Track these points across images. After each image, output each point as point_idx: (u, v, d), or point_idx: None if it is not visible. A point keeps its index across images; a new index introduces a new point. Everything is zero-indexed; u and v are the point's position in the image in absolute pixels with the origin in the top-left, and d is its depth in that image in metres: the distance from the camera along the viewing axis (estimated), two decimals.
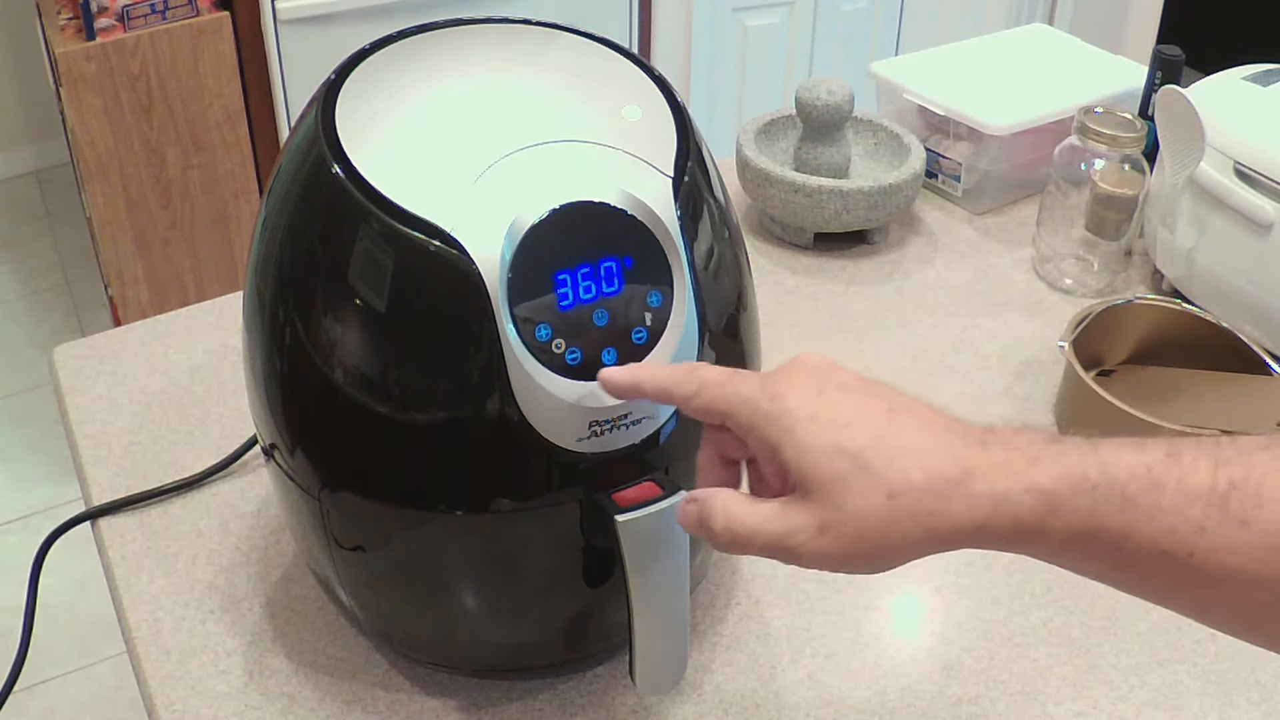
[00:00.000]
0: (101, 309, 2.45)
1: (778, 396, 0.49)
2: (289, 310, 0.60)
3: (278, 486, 0.66)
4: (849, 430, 0.47)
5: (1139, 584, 0.46)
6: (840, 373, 0.50)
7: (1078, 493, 0.44)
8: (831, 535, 0.46)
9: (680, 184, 0.58)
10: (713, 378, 0.51)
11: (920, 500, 0.45)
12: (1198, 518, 0.43)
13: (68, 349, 0.96)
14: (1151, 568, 0.44)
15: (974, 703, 0.70)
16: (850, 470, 0.46)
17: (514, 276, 0.54)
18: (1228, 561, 0.43)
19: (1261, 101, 1.00)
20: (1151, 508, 0.44)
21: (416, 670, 0.70)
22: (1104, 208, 1.03)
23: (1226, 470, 0.43)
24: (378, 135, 0.58)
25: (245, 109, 1.96)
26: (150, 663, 0.70)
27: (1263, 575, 0.43)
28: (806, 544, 0.47)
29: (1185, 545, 0.43)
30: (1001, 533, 0.46)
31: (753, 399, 0.49)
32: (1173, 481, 0.44)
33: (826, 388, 0.49)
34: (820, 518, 0.46)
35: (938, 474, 0.45)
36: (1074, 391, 0.88)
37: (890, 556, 0.47)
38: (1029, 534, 0.45)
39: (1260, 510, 0.43)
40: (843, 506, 0.46)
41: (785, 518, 0.47)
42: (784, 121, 1.19)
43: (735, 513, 0.49)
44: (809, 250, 1.12)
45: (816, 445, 0.47)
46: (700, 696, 0.70)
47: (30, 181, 3.04)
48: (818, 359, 0.51)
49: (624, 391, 0.54)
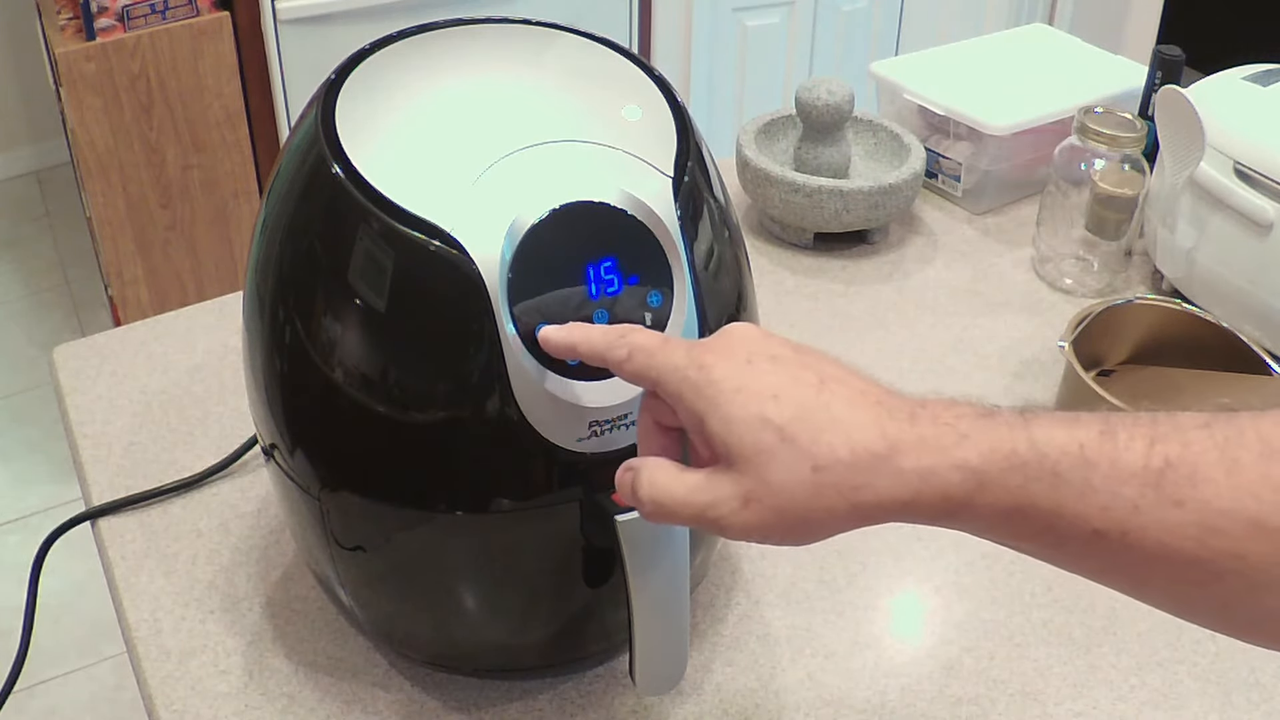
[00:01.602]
0: (101, 309, 2.45)
1: (705, 366, 0.48)
2: (289, 310, 0.60)
3: (278, 486, 0.66)
4: (775, 403, 0.46)
5: (1073, 562, 0.46)
6: (772, 343, 0.49)
7: (1006, 469, 0.44)
8: (755, 507, 0.46)
9: (680, 184, 0.58)
10: (642, 342, 0.50)
11: (845, 475, 0.45)
12: (1131, 496, 0.42)
13: (68, 349, 0.96)
14: (1084, 546, 0.44)
15: (974, 703, 0.70)
16: (775, 443, 0.45)
17: (514, 276, 0.54)
18: (1163, 540, 0.42)
19: (1261, 101, 1.00)
20: (1083, 485, 0.43)
21: (416, 670, 0.70)
22: (1104, 208, 1.03)
23: (1162, 448, 0.43)
24: (378, 135, 0.58)
25: (245, 109, 1.96)
26: (150, 663, 0.70)
27: (1198, 555, 0.42)
28: (730, 516, 0.46)
29: (1118, 524, 0.43)
30: (929, 508, 0.45)
31: (681, 367, 0.48)
32: (1105, 459, 0.43)
33: (755, 358, 0.48)
34: (744, 489, 0.46)
35: (864, 448, 0.45)
36: (1074, 391, 0.88)
37: (814, 530, 0.46)
38: (957, 510, 0.45)
39: (1195, 490, 0.42)
40: (767, 480, 0.45)
41: (710, 489, 0.47)
42: (784, 121, 1.19)
43: (661, 482, 0.48)
44: (809, 250, 1.12)
45: (741, 417, 0.46)
46: (700, 696, 0.70)
47: (30, 181, 3.04)
48: (750, 328, 0.50)
49: (560, 351, 0.53)
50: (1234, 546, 0.42)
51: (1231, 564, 0.42)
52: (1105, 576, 0.46)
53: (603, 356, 0.51)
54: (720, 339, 0.50)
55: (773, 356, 0.48)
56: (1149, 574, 0.44)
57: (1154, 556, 0.43)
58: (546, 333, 0.54)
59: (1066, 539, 0.44)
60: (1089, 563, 0.45)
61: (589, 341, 0.52)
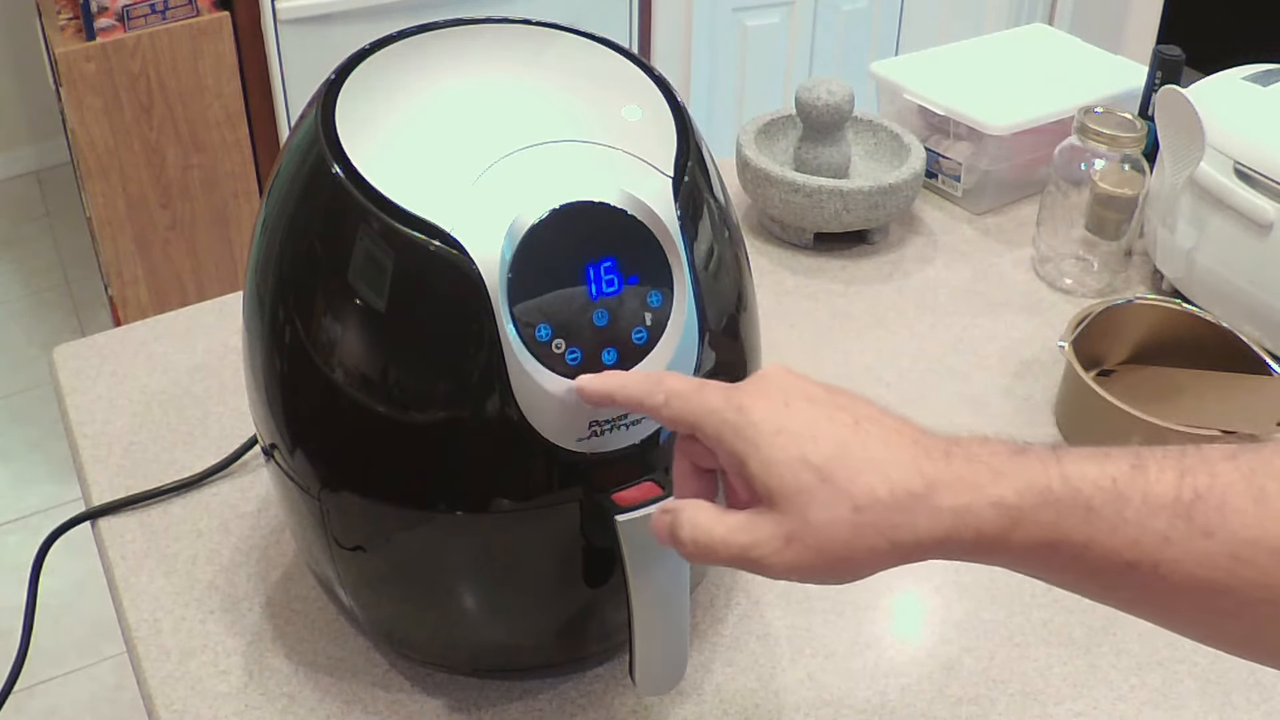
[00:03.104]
0: (101, 309, 2.45)
1: (744, 409, 0.49)
2: (289, 310, 0.60)
3: (278, 486, 0.66)
4: (814, 444, 0.47)
5: (1104, 593, 0.47)
6: (807, 385, 0.50)
7: (1040, 505, 0.45)
8: (797, 547, 0.47)
9: (680, 184, 0.58)
10: (680, 388, 0.51)
11: (884, 514, 0.46)
12: (1162, 529, 0.43)
13: (68, 349, 0.96)
14: (1116, 578, 0.45)
15: (974, 703, 0.70)
16: (815, 483, 0.46)
17: (514, 276, 0.54)
18: (1192, 571, 0.43)
19: (1261, 101, 1.00)
20: (1115, 519, 0.44)
21: (416, 670, 0.70)
22: (1104, 208, 1.03)
23: (1191, 480, 0.44)
24: (378, 135, 0.58)
25: (245, 109, 1.96)
26: (150, 663, 0.70)
27: (1228, 585, 0.43)
28: (771, 556, 0.47)
29: (1150, 556, 0.44)
30: (965, 545, 0.46)
31: (719, 410, 0.49)
32: (1137, 493, 0.44)
33: (793, 400, 0.49)
34: (786, 530, 0.47)
35: (902, 487, 0.46)
36: (1074, 391, 0.88)
37: (855, 569, 0.47)
38: (992, 546, 0.46)
39: (1225, 520, 0.43)
40: (808, 519, 0.46)
41: (751, 529, 0.48)
42: (784, 121, 1.19)
43: (702, 523, 0.49)
44: (809, 250, 1.12)
45: (782, 458, 0.47)
46: (700, 696, 0.70)
47: (30, 181, 3.04)
48: (783, 370, 0.51)
49: (597, 400, 0.54)
50: (1262, 576, 0.43)
51: (1260, 593, 0.43)
52: (1136, 607, 0.47)
53: (640, 403, 0.52)
54: (755, 382, 0.51)
55: (809, 398, 0.49)
56: (1179, 604, 0.45)
57: (1185, 587, 0.44)
58: (582, 382, 0.54)
59: (1099, 571, 0.45)
60: (1120, 594, 0.46)
61: (625, 390, 0.53)
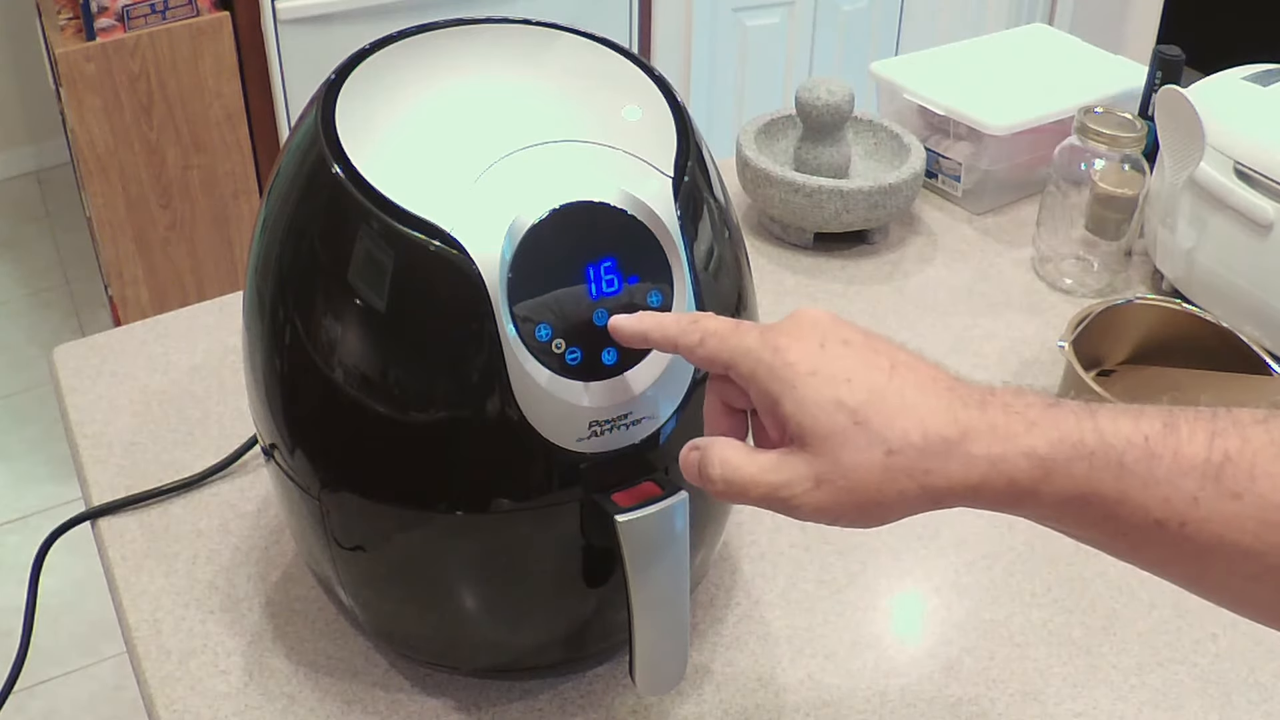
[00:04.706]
0: (101, 309, 2.45)
1: (780, 349, 0.49)
2: (289, 310, 0.60)
3: (278, 486, 0.66)
4: (849, 386, 0.47)
5: (1131, 552, 0.47)
6: (843, 328, 0.50)
7: (1073, 458, 0.45)
8: (827, 488, 0.47)
9: (680, 184, 0.58)
10: (716, 327, 0.51)
11: (917, 459, 0.46)
12: (1191, 489, 0.43)
13: (68, 349, 0.96)
14: (1144, 536, 0.45)
15: (974, 703, 0.70)
16: (849, 426, 0.46)
17: (514, 276, 0.54)
18: (1219, 533, 0.43)
19: (1261, 101, 1.00)
20: (1146, 476, 0.44)
21: (416, 670, 0.70)
22: (1104, 208, 1.03)
23: (1221, 442, 0.44)
24: (378, 135, 0.58)
25: (245, 109, 1.96)
26: (150, 663, 0.70)
27: (1254, 548, 0.43)
28: (801, 496, 0.47)
29: (1178, 515, 0.44)
30: (996, 494, 0.46)
31: (755, 350, 0.49)
32: (1169, 452, 0.44)
33: (829, 342, 0.49)
34: (817, 470, 0.47)
35: (936, 434, 0.46)
36: (1074, 392, 0.88)
37: (884, 512, 0.47)
38: (1023, 496, 0.46)
39: (1253, 483, 0.43)
40: (840, 461, 0.46)
41: (782, 469, 0.48)
42: (784, 121, 1.19)
43: (733, 461, 0.49)
44: (809, 250, 1.12)
45: (816, 400, 0.47)
46: (700, 696, 0.70)
47: (30, 181, 3.04)
48: (821, 313, 0.51)
49: (632, 339, 0.54)
50: None
51: None
52: (1163, 568, 0.47)
53: (675, 342, 0.52)
54: (791, 323, 0.50)
55: (845, 341, 0.49)
56: (1206, 566, 0.45)
57: (1211, 548, 0.44)
58: (616, 321, 0.54)
59: (1127, 528, 0.45)
60: (1147, 552, 0.46)
61: (661, 329, 0.53)
